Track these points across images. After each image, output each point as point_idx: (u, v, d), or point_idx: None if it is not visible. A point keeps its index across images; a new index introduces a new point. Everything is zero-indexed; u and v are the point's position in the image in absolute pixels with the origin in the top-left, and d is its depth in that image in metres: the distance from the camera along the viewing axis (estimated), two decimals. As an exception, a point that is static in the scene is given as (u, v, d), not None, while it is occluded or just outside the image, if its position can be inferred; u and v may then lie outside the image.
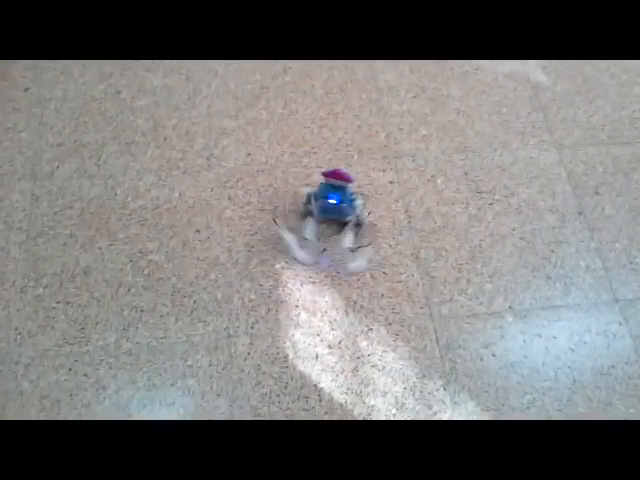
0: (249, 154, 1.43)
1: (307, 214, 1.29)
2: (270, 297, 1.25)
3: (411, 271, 1.32)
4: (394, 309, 1.27)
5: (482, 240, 1.38)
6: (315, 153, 1.45)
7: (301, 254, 1.26)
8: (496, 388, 1.20)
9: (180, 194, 1.35)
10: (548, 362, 1.24)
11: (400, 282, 1.30)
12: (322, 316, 1.24)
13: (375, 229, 1.35)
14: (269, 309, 1.23)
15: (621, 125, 1.62)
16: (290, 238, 1.25)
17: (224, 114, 1.49)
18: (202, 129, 1.46)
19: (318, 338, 1.21)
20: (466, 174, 1.47)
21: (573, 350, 1.27)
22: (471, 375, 1.21)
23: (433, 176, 1.46)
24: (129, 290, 1.24)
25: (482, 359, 1.23)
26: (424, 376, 1.20)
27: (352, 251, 1.26)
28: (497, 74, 1.67)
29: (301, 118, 1.51)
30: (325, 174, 1.20)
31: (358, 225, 1.32)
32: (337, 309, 1.25)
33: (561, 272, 1.35)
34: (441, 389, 1.19)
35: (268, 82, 1.56)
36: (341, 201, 1.24)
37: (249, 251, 1.30)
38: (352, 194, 1.26)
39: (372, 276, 1.30)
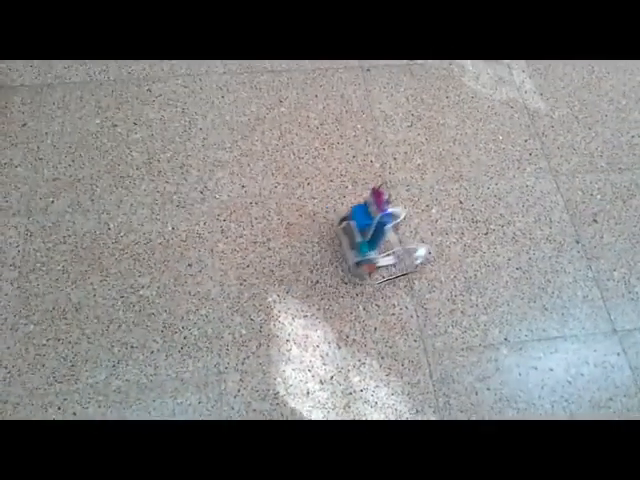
0: (243, 186, 1.43)
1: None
2: (261, 332, 1.24)
3: (405, 303, 1.30)
4: (387, 343, 1.25)
5: (477, 271, 1.36)
6: (309, 184, 1.45)
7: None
8: (491, 424, 1.17)
9: (173, 228, 1.36)
10: (544, 395, 1.22)
11: (393, 315, 1.29)
12: (314, 351, 1.23)
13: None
14: (260, 344, 1.23)
15: (620, 151, 1.60)
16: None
17: (219, 146, 1.50)
18: (197, 162, 1.46)
19: (309, 373, 1.20)
20: (461, 203, 1.46)
21: (570, 382, 1.24)
22: (465, 410, 1.19)
23: (427, 206, 1.45)
24: (120, 326, 1.24)
25: (477, 393, 1.21)
26: (417, 412, 1.18)
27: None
28: (494, 101, 1.66)
29: (296, 149, 1.51)
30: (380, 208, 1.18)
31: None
32: (329, 343, 1.24)
33: (558, 302, 1.33)
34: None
35: (263, 113, 1.57)
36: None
37: (241, 285, 1.29)
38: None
39: (365, 309, 1.29)
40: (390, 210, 1.23)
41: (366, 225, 1.21)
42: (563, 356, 1.27)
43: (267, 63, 1.68)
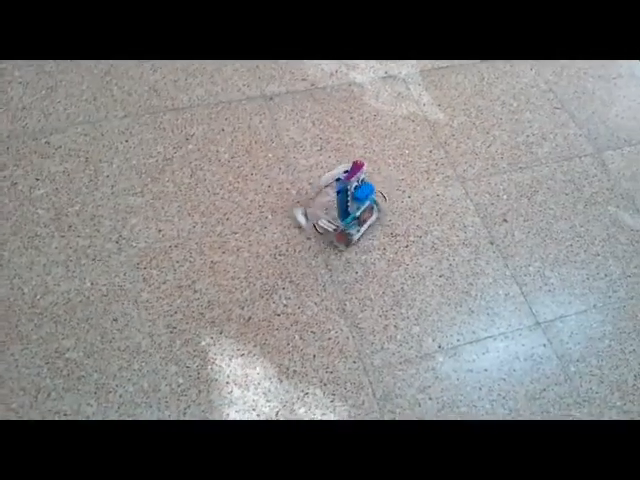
0: (160, 230, 1.40)
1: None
2: (199, 378, 1.21)
3: (339, 326, 1.31)
4: (327, 368, 1.26)
5: (403, 283, 1.39)
6: (228, 219, 1.44)
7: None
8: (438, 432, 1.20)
9: (92, 283, 1.30)
10: (483, 396, 1.26)
11: (330, 339, 1.30)
12: (255, 389, 1.21)
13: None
14: (200, 391, 1.20)
15: (518, 151, 1.70)
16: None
17: (129, 192, 1.45)
18: (108, 211, 1.41)
19: (254, 413, 1.18)
20: (378, 219, 1.49)
21: (505, 380, 1.29)
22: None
23: (348, 226, 1.47)
24: (49, 395, 1.17)
25: (420, 404, 1.24)
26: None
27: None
28: (396, 117, 1.72)
29: (209, 185, 1.50)
30: (348, 178, 1.31)
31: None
32: (270, 379, 1.22)
33: (482, 304, 1.38)
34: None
35: (171, 153, 1.54)
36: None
37: (171, 332, 1.26)
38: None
39: (301, 337, 1.29)
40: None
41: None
42: (495, 355, 1.32)
43: (168, 102, 1.65)
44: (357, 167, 1.33)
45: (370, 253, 1.44)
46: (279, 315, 1.31)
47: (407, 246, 1.45)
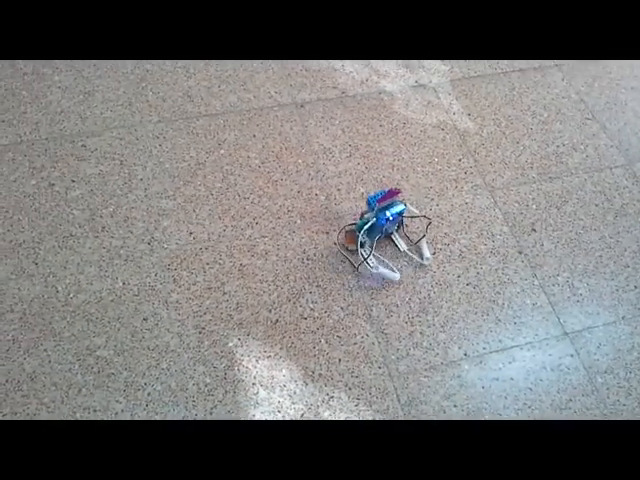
0: (191, 233, 1.42)
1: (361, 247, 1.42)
2: (226, 378, 1.23)
3: (365, 331, 1.32)
4: (353, 373, 1.26)
5: (430, 290, 1.40)
6: (257, 223, 1.46)
7: (392, 274, 1.37)
8: (462, 440, 1.20)
9: (124, 283, 1.33)
10: (508, 405, 1.26)
11: (355, 344, 1.30)
12: (281, 391, 1.22)
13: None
14: (226, 391, 1.21)
15: (548, 161, 1.69)
16: (380, 269, 1.36)
17: (162, 195, 1.49)
18: (141, 213, 1.45)
19: (280, 414, 1.19)
20: (406, 226, 1.50)
21: (531, 389, 1.28)
22: (436, 430, 1.20)
23: (375, 232, 1.48)
24: (80, 390, 1.20)
25: (444, 411, 1.23)
26: (390, 438, 1.19)
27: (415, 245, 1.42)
28: (425, 125, 1.73)
29: (240, 190, 1.52)
30: (379, 202, 1.34)
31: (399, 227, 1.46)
32: (296, 381, 1.24)
33: (509, 312, 1.38)
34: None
35: (203, 158, 1.57)
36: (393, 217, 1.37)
37: (200, 333, 1.28)
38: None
39: (327, 342, 1.30)
40: (389, 215, 1.35)
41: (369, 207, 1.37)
42: (521, 364, 1.31)
43: (202, 107, 1.69)
44: (392, 193, 1.37)
45: (397, 259, 1.44)
46: (306, 319, 1.32)
47: (434, 253, 1.46)
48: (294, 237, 1.45)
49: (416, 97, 1.81)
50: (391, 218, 1.36)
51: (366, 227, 1.35)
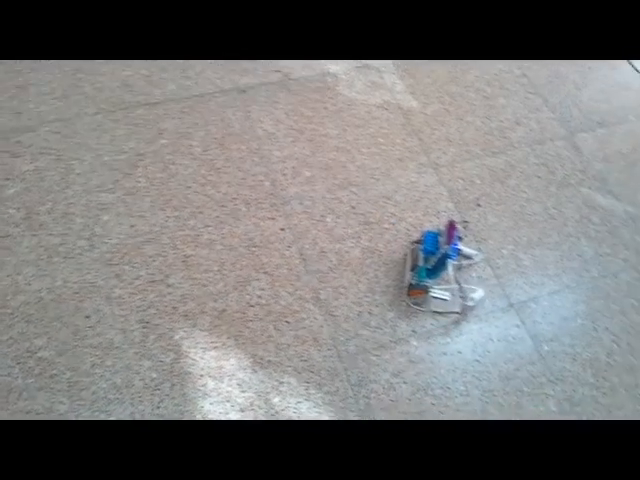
0: (132, 226, 1.40)
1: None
2: (173, 372, 1.21)
3: (313, 314, 1.32)
4: (302, 357, 1.26)
5: (377, 270, 1.40)
6: (201, 213, 1.44)
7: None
8: (412, 415, 1.21)
9: (64, 281, 1.30)
10: (457, 378, 1.27)
11: (304, 328, 1.30)
12: (230, 380, 1.22)
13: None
14: (173, 384, 1.20)
15: (491, 137, 1.70)
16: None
17: (101, 188, 1.45)
18: (79, 208, 1.41)
19: (229, 404, 1.19)
20: (353, 208, 1.50)
21: (479, 361, 1.30)
22: (386, 407, 1.22)
23: (322, 216, 1.48)
24: (20, 395, 1.17)
25: (394, 389, 1.24)
26: (340, 419, 1.19)
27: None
28: (370, 106, 1.72)
29: (182, 179, 1.49)
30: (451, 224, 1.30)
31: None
32: (244, 370, 1.23)
33: (456, 287, 1.39)
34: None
35: (143, 148, 1.54)
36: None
37: (144, 327, 1.26)
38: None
39: (275, 328, 1.29)
40: (460, 247, 1.33)
41: (431, 252, 1.29)
42: (468, 337, 1.33)
43: (140, 97, 1.65)
44: (452, 229, 1.31)
45: (344, 242, 1.44)
46: (253, 306, 1.31)
47: (381, 234, 1.46)
48: (239, 225, 1.43)
49: (360, 78, 1.80)
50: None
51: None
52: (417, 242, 1.37)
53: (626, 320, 1.40)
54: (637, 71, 1.97)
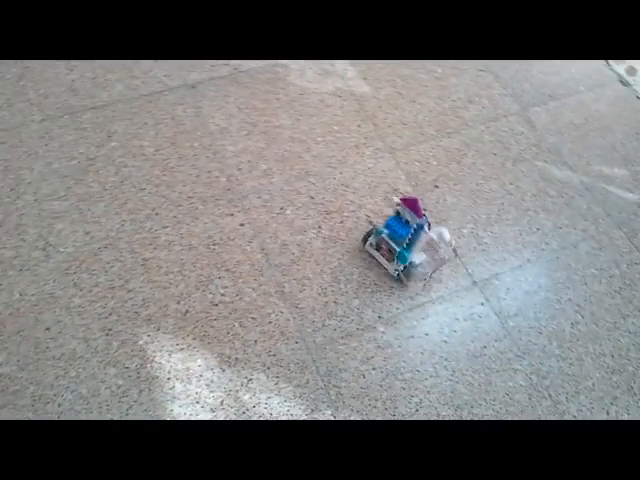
0: (87, 232, 1.37)
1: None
2: (139, 377, 1.19)
3: (279, 308, 1.31)
4: (270, 352, 1.26)
5: (340, 259, 1.40)
6: (157, 214, 1.41)
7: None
8: (383, 400, 1.22)
9: (21, 294, 1.27)
10: (426, 360, 1.28)
11: (270, 323, 1.29)
12: (198, 381, 1.20)
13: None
14: (141, 390, 1.18)
15: (445, 117, 1.71)
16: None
17: (53, 197, 1.42)
18: (32, 219, 1.38)
19: (198, 405, 1.17)
20: (312, 198, 1.49)
21: (446, 342, 1.31)
22: (357, 395, 1.22)
23: (282, 208, 1.47)
24: (-18, 413, 1.14)
25: (364, 376, 1.25)
26: (312, 410, 1.19)
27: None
28: (322, 94, 1.71)
29: (135, 181, 1.47)
30: (403, 200, 1.28)
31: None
32: (212, 369, 1.22)
33: (419, 270, 1.39)
34: (331, 418, 1.19)
35: (94, 152, 1.51)
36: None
37: (107, 335, 1.24)
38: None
39: (241, 325, 1.28)
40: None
41: (405, 234, 1.29)
42: (434, 319, 1.33)
43: (87, 100, 1.61)
44: (414, 202, 1.29)
45: (305, 233, 1.43)
46: (217, 305, 1.30)
47: (342, 222, 1.46)
48: (197, 223, 1.41)
49: (311, 66, 1.78)
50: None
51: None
52: (368, 236, 1.36)
53: (588, 290, 1.42)
54: (583, 43, 1.99)
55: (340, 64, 1.79)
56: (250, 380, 1.22)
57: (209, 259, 1.37)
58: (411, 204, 1.26)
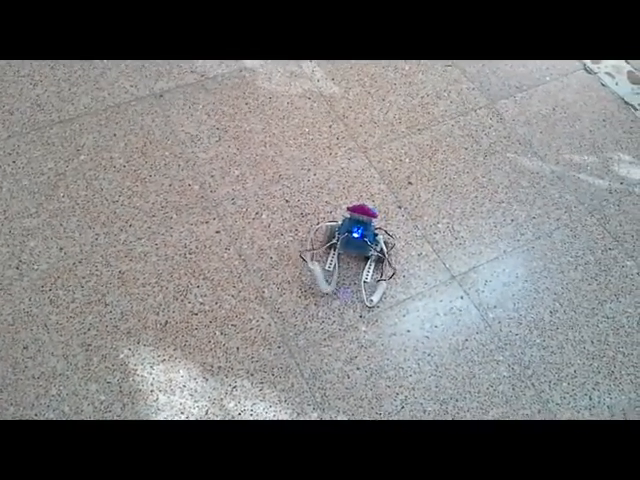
0: (61, 248, 1.35)
1: (331, 248, 1.37)
2: (122, 391, 1.18)
3: (260, 314, 1.31)
4: (253, 358, 1.25)
5: (318, 261, 1.39)
6: (131, 226, 1.40)
7: (324, 284, 1.29)
8: (369, 400, 1.22)
9: (-5, 315, 1.24)
10: (409, 357, 1.29)
11: (252, 329, 1.29)
12: (181, 392, 1.19)
13: (396, 264, 1.41)
14: (124, 404, 1.17)
15: (415, 113, 1.72)
16: (316, 269, 1.26)
17: (24, 214, 1.39)
18: (3, 237, 1.35)
19: (183, 416, 1.16)
20: (287, 202, 1.49)
21: (428, 337, 1.32)
22: (342, 396, 1.22)
23: (257, 213, 1.46)
24: (-39, 439, 1.11)
25: (349, 376, 1.25)
26: (298, 414, 1.19)
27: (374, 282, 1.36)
28: (291, 97, 1.71)
29: (107, 194, 1.45)
30: (350, 209, 1.26)
31: (380, 260, 1.38)
32: (195, 379, 1.21)
33: (397, 267, 1.40)
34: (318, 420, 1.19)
35: (63, 167, 1.49)
36: (363, 235, 1.29)
37: (87, 350, 1.22)
38: (375, 230, 1.35)
39: (222, 333, 1.27)
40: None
41: (368, 235, 1.30)
42: (415, 315, 1.34)
43: (54, 115, 1.59)
44: (363, 208, 1.30)
45: (282, 237, 1.43)
46: (196, 314, 1.29)
47: (318, 223, 1.45)
48: (172, 233, 1.40)
49: (278, 69, 1.78)
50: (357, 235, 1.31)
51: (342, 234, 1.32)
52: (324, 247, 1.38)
53: (564, 277, 1.44)
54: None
55: (308, 66, 1.79)
56: (234, 387, 1.21)
57: (186, 268, 1.36)
58: (359, 210, 1.28)
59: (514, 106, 1.79)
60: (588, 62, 1.95)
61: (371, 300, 1.30)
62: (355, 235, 1.29)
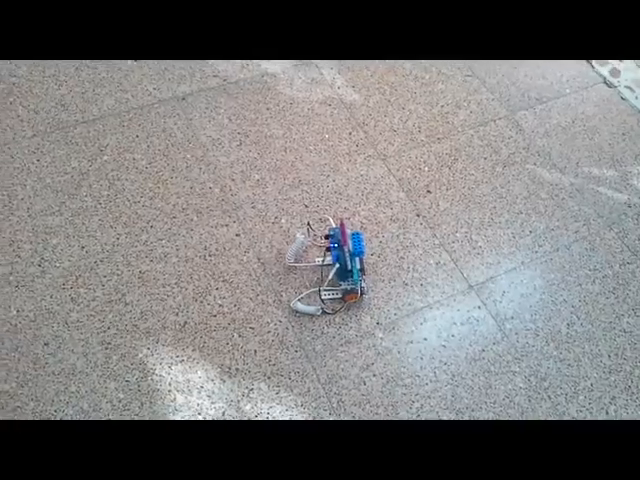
0: (83, 247, 1.36)
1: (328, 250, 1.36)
2: (140, 390, 1.19)
3: (277, 318, 1.31)
4: (270, 361, 1.26)
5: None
6: (152, 227, 1.41)
7: (291, 256, 1.34)
8: (385, 407, 1.22)
9: (18, 310, 1.26)
10: (425, 365, 1.29)
11: (269, 332, 1.29)
12: (199, 392, 1.20)
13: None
14: (142, 403, 1.18)
15: (435, 122, 1.73)
16: (298, 240, 1.33)
17: (47, 212, 1.41)
18: (26, 234, 1.37)
19: (200, 417, 1.17)
20: (306, 207, 1.50)
21: (444, 346, 1.32)
22: (359, 402, 1.22)
23: (276, 217, 1.47)
24: (-18, 433, 1.12)
25: (365, 383, 1.25)
26: (314, 419, 1.19)
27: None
28: (312, 103, 1.72)
29: (129, 194, 1.46)
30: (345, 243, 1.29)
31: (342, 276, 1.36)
32: (213, 380, 1.22)
33: (415, 275, 1.41)
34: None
35: (86, 167, 1.50)
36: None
37: (106, 349, 1.23)
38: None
39: (240, 335, 1.28)
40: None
41: (361, 253, 1.30)
42: (432, 323, 1.34)
43: (78, 115, 1.61)
44: (343, 227, 1.32)
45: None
46: (215, 316, 1.30)
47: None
48: (193, 235, 1.41)
49: (299, 75, 1.80)
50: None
51: (357, 273, 1.33)
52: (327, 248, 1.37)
53: (582, 290, 1.44)
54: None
55: (329, 73, 1.80)
56: (251, 390, 1.22)
57: (205, 270, 1.37)
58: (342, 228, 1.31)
59: (533, 118, 1.79)
60: (608, 75, 1.95)
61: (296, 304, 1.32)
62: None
